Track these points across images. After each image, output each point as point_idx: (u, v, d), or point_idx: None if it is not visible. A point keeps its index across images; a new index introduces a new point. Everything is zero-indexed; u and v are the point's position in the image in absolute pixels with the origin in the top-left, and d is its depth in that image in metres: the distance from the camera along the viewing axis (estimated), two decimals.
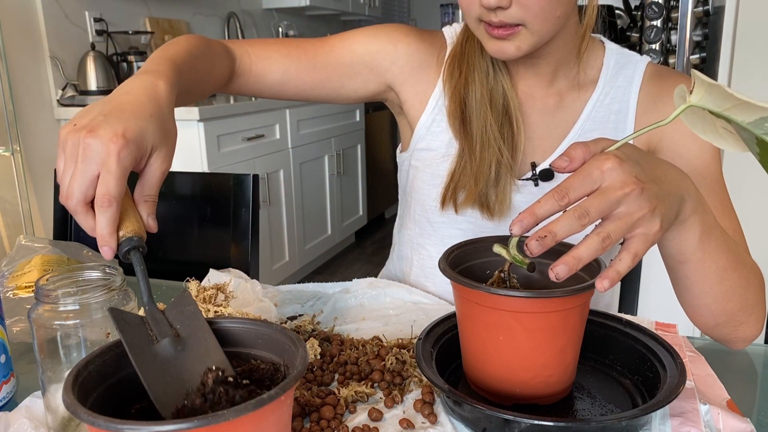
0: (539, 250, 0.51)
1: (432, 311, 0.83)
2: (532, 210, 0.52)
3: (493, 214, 0.86)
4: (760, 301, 0.71)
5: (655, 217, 0.53)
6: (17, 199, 2.18)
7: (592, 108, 0.87)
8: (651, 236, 0.53)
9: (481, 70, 0.85)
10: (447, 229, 0.92)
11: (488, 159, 0.84)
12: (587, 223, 0.51)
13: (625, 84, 0.87)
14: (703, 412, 0.57)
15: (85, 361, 0.44)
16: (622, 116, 0.87)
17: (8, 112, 2.12)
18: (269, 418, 0.40)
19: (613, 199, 0.51)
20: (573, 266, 0.51)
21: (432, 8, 5.34)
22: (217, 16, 3.42)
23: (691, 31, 1.88)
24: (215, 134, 2.41)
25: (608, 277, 0.51)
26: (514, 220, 0.53)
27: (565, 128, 0.88)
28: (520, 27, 0.73)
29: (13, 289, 0.82)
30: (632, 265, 0.53)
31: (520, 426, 0.52)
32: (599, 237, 0.51)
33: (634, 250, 0.53)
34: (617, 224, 0.52)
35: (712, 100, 0.49)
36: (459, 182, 0.87)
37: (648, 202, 0.52)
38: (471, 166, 0.85)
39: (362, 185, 3.93)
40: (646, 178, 0.53)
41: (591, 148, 0.54)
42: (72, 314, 0.54)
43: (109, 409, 0.43)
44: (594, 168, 0.52)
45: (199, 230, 1.26)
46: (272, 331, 0.48)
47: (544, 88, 0.88)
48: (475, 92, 0.85)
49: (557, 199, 0.52)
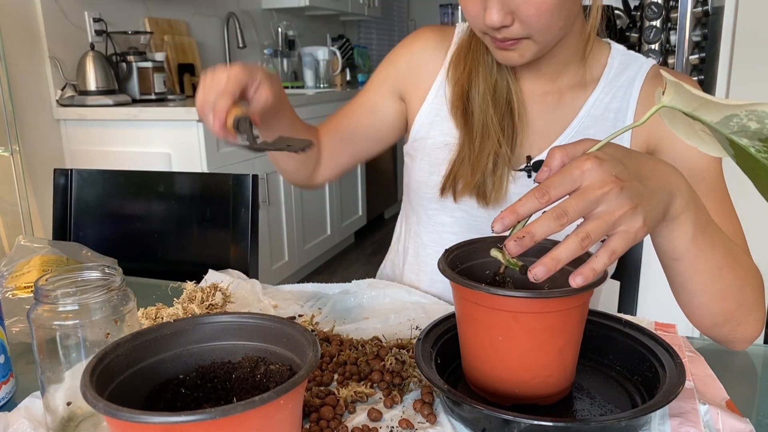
0: (518, 250, 0.52)
1: (432, 311, 0.83)
2: (513, 208, 0.53)
3: (489, 203, 0.88)
4: (759, 301, 0.71)
5: (637, 215, 0.53)
6: (16, 199, 2.18)
7: (591, 106, 0.88)
8: (632, 234, 0.53)
9: (486, 65, 0.87)
10: (440, 216, 0.94)
11: (486, 150, 0.86)
12: (566, 223, 0.52)
13: (626, 84, 0.87)
14: (702, 413, 0.57)
15: (101, 354, 0.45)
16: (621, 115, 0.87)
17: (8, 112, 2.11)
18: (276, 415, 0.41)
19: (591, 198, 0.52)
20: (551, 267, 0.51)
21: (431, 8, 5.33)
22: (216, 16, 3.42)
23: (691, 31, 1.88)
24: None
25: (582, 274, 0.51)
26: (495, 218, 0.54)
27: (563, 124, 0.88)
28: (524, 39, 0.76)
29: (12, 290, 0.82)
30: (609, 263, 0.53)
31: (520, 426, 0.52)
32: (578, 237, 0.51)
33: (612, 247, 0.53)
34: (596, 223, 0.52)
35: (680, 101, 0.49)
36: (458, 172, 0.88)
37: (629, 200, 0.52)
38: (470, 156, 0.87)
39: (362, 185, 3.93)
40: (627, 177, 0.53)
41: (569, 151, 0.55)
42: (71, 314, 0.54)
43: (125, 400, 0.44)
44: (574, 168, 0.53)
45: (198, 230, 1.26)
46: (295, 331, 0.48)
47: (546, 86, 0.89)
48: (479, 86, 0.87)
49: (537, 198, 0.52)
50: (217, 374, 0.50)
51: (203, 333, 0.50)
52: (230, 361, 0.50)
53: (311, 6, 3.82)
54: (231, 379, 0.50)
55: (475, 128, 0.87)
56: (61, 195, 1.31)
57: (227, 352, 0.50)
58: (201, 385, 0.50)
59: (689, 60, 1.90)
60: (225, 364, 0.50)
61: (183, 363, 0.49)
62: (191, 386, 0.49)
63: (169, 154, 2.37)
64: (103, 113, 2.38)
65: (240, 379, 0.50)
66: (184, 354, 0.49)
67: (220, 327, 0.50)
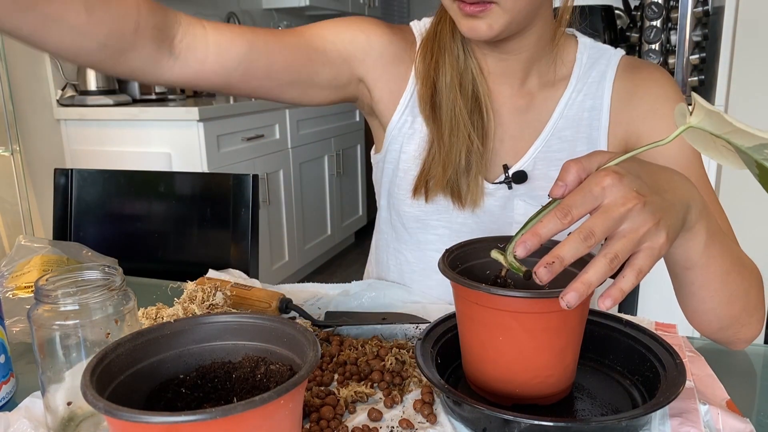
0: (549, 277, 0.50)
1: (432, 311, 0.83)
2: (535, 230, 0.51)
3: (465, 204, 0.85)
4: (761, 301, 0.71)
5: (660, 230, 0.52)
6: (17, 199, 2.18)
7: (564, 106, 0.85)
8: (657, 250, 0.52)
9: (452, 53, 0.83)
10: (423, 234, 0.90)
11: (457, 146, 0.82)
12: (593, 244, 0.50)
13: (598, 79, 0.85)
14: (702, 413, 0.57)
15: (101, 354, 0.45)
16: (596, 113, 0.85)
17: (8, 112, 2.12)
18: (276, 415, 0.41)
19: (616, 216, 0.51)
20: (583, 292, 0.50)
21: (431, 8, 5.33)
22: (216, 16, 3.42)
23: (691, 31, 1.88)
24: (215, 134, 2.41)
25: (611, 296, 0.50)
26: (517, 242, 0.52)
27: (537, 128, 0.86)
28: (492, 5, 0.72)
29: (12, 290, 0.82)
30: (637, 282, 0.52)
31: (520, 426, 0.52)
32: (606, 258, 0.50)
33: (638, 266, 0.52)
34: (623, 243, 0.51)
35: (711, 124, 0.49)
36: (430, 170, 0.85)
37: (652, 216, 0.51)
38: (440, 152, 0.84)
39: (362, 185, 3.93)
40: (647, 191, 0.52)
41: (585, 165, 0.54)
42: (72, 314, 0.54)
43: (125, 400, 0.44)
44: (594, 184, 0.51)
45: (198, 230, 1.26)
46: (295, 331, 0.48)
47: (515, 88, 0.86)
48: (446, 75, 0.83)
49: (560, 218, 0.51)
50: (218, 374, 0.50)
51: (203, 333, 0.50)
52: (230, 361, 0.50)
53: (311, 6, 3.82)
54: (231, 379, 0.50)
55: (443, 121, 0.83)
56: (61, 195, 1.31)
57: (227, 352, 0.50)
58: (201, 385, 0.50)
59: (689, 60, 1.90)
60: (225, 364, 0.50)
61: (183, 363, 0.49)
62: (191, 386, 0.49)
63: (169, 154, 2.37)
64: (104, 113, 2.39)
65: (240, 379, 0.50)
66: (185, 354, 0.50)
67: (221, 327, 0.50)
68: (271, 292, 0.80)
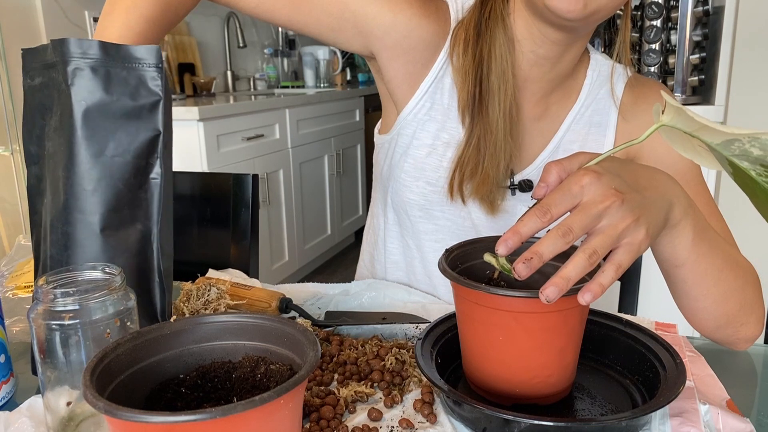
0: (527, 272, 0.51)
1: (432, 311, 0.83)
2: (515, 229, 0.53)
3: (496, 212, 0.85)
4: (759, 300, 0.71)
5: (639, 226, 0.53)
6: (17, 199, 2.18)
7: (572, 120, 0.86)
8: (636, 245, 0.53)
9: (502, 44, 0.78)
10: (424, 224, 0.91)
11: (506, 149, 0.80)
12: (571, 240, 0.52)
13: (605, 95, 0.86)
14: (702, 412, 0.57)
15: (101, 354, 0.45)
16: (602, 130, 0.86)
17: (8, 112, 2.12)
18: (276, 415, 0.41)
19: (594, 213, 0.52)
20: (563, 287, 0.51)
21: None
22: (217, 16, 3.42)
23: (691, 31, 1.88)
24: (215, 134, 2.41)
25: (590, 291, 0.51)
26: (498, 241, 0.53)
27: (546, 137, 0.87)
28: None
29: (12, 289, 0.82)
30: (616, 277, 0.53)
31: (520, 426, 0.52)
32: (585, 254, 0.51)
33: (618, 261, 0.53)
34: (601, 238, 0.52)
35: (681, 122, 0.50)
36: (466, 171, 0.81)
37: (630, 212, 0.53)
38: (484, 155, 0.80)
39: (362, 185, 3.93)
40: (626, 189, 0.53)
41: (566, 166, 0.55)
42: (71, 314, 0.54)
43: (125, 400, 0.44)
44: (573, 183, 0.53)
45: (198, 230, 1.26)
46: (295, 331, 0.48)
47: (537, 96, 0.85)
48: (497, 67, 0.78)
49: (539, 216, 0.52)
50: (218, 374, 0.50)
51: (203, 333, 0.50)
52: (230, 360, 0.50)
53: None
54: (231, 379, 0.50)
55: (493, 122, 0.78)
56: None
57: (227, 352, 0.50)
58: (201, 385, 0.50)
59: (689, 60, 1.90)
60: (225, 364, 0.50)
61: (183, 363, 0.49)
62: (191, 386, 0.49)
63: None
64: None
65: (240, 378, 0.50)
66: (185, 354, 0.50)
67: (221, 327, 0.50)
68: (271, 292, 0.80)
